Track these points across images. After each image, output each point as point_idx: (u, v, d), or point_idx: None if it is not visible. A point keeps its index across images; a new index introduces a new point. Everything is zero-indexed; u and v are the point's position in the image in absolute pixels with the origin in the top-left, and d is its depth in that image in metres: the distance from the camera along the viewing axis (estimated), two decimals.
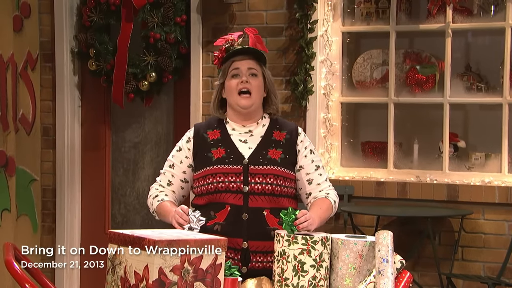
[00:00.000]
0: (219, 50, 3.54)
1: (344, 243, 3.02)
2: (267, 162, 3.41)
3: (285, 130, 3.51)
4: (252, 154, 3.43)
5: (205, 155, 3.44)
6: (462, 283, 5.39)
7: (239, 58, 3.48)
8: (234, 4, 5.83)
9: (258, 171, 3.40)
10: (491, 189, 5.37)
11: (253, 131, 3.50)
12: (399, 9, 5.74)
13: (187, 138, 3.53)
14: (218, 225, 3.37)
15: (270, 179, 3.39)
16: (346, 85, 5.90)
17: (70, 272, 6.35)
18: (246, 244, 3.35)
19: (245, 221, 3.36)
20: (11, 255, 3.00)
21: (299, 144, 3.50)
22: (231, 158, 3.42)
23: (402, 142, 5.89)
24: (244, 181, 3.38)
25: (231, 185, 3.38)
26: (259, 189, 3.38)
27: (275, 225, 3.37)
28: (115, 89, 6.09)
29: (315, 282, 2.99)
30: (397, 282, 2.99)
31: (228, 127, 3.51)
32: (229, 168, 3.40)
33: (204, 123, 3.58)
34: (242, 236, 3.35)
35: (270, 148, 3.45)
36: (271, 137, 3.49)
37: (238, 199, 3.37)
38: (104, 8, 6.09)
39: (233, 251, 3.34)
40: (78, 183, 6.38)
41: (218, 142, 3.46)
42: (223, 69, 3.51)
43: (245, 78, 3.45)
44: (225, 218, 3.37)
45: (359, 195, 5.63)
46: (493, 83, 5.76)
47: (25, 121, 6.22)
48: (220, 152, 3.44)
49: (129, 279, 2.79)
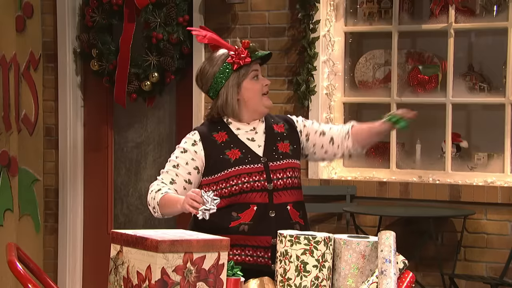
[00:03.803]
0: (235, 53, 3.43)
1: (346, 243, 3.02)
2: (282, 156, 3.44)
3: (281, 121, 3.56)
4: (265, 151, 3.44)
5: (221, 157, 3.41)
6: (465, 283, 5.39)
7: (256, 62, 3.49)
8: (236, 4, 5.83)
9: (277, 167, 3.42)
10: (494, 189, 5.37)
11: (257, 128, 3.51)
12: (402, 9, 5.74)
13: (192, 141, 3.47)
14: (245, 225, 3.35)
15: (289, 172, 3.43)
16: (348, 85, 5.90)
17: (72, 272, 6.35)
18: (275, 241, 3.35)
19: (273, 218, 3.37)
20: (14, 255, 3.00)
21: (297, 126, 3.56)
22: (249, 158, 3.41)
23: (405, 142, 5.89)
24: (267, 179, 3.39)
25: (256, 184, 3.37)
26: (281, 184, 3.41)
27: (297, 218, 3.42)
28: (117, 89, 6.10)
29: (317, 282, 2.99)
30: (400, 282, 2.99)
31: (232, 128, 3.49)
32: (251, 168, 3.39)
33: (205, 127, 3.54)
34: (271, 234, 3.34)
35: (278, 142, 3.48)
36: (273, 131, 3.51)
37: (264, 197, 3.37)
38: (106, 8, 6.10)
39: (263, 250, 3.34)
40: (80, 183, 6.39)
41: (229, 144, 3.44)
42: (243, 72, 3.45)
43: (267, 80, 3.50)
44: (252, 217, 3.36)
45: (362, 195, 5.64)
46: (495, 83, 5.76)
47: (28, 121, 6.22)
48: (235, 153, 3.42)
49: (131, 279, 2.79)
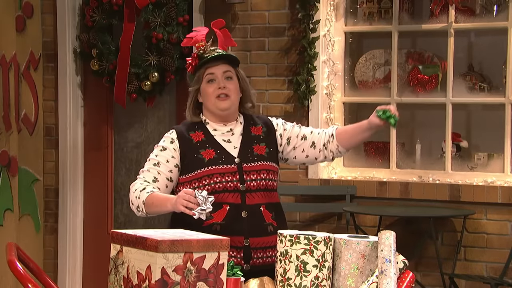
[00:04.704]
0: (191, 56, 3.53)
1: (346, 243, 3.02)
2: (256, 158, 3.46)
3: (260, 123, 3.57)
4: (239, 152, 3.47)
5: (195, 156, 3.44)
6: (465, 283, 5.39)
7: (213, 64, 3.50)
8: (236, 4, 5.83)
9: (251, 168, 3.44)
10: (494, 189, 5.37)
11: (234, 130, 3.54)
12: (402, 9, 5.74)
13: (170, 139, 3.50)
14: (217, 225, 3.37)
15: (263, 174, 3.44)
16: (348, 85, 5.90)
17: (72, 272, 6.35)
18: (248, 242, 3.37)
19: (245, 218, 3.38)
20: (14, 255, 3.01)
21: (277, 129, 3.57)
22: (223, 158, 3.44)
23: (405, 142, 5.89)
24: (240, 180, 3.41)
25: (228, 184, 3.40)
26: (255, 186, 3.42)
27: (270, 220, 3.43)
28: (117, 89, 6.10)
29: (317, 282, 2.99)
30: (400, 282, 2.99)
31: (209, 128, 3.53)
32: (224, 168, 3.42)
33: (183, 126, 3.56)
34: (243, 234, 3.37)
35: (253, 144, 3.50)
36: (251, 133, 3.53)
37: (236, 198, 3.39)
38: (106, 8, 6.10)
39: (235, 250, 3.36)
40: (80, 183, 6.38)
41: (204, 144, 3.47)
42: (198, 76, 3.52)
43: (222, 84, 3.48)
44: (224, 217, 3.38)
45: (362, 195, 5.64)
46: (495, 83, 5.76)
47: (28, 121, 6.22)
48: (210, 153, 3.45)
49: (131, 279, 2.79)
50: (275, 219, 3.46)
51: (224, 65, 3.51)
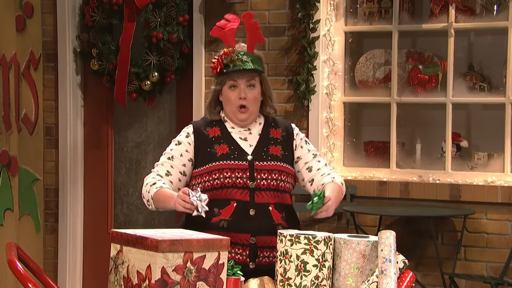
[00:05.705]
0: (217, 58, 3.51)
1: (346, 243, 3.02)
2: (270, 158, 3.47)
3: (281, 127, 3.58)
4: (254, 150, 3.48)
5: (209, 150, 3.47)
6: (465, 283, 5.39)
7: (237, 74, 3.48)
8: (236, 4, 5.83)
9: (263, 167, 3.44)
10: (494, 189, 5.37)
11: (252, 130, 3.55)
12: (402, 9, 5.74)
13: (185, 133, 3.54)
14: (224, 221, 3.38)
15: (275, 174, 3.44)
16: (348, 84, 5.90)
17: (72, 272, 6.35)
18: (254, 240, 3.38)
19: (253, 216, 3.38)
20: (14, 255, 3.01)
21: (295, 139, 3.58)
22: (236, 154, 3.45)
23: (405, 142, 5.89)
24: (250, 177, 3.42)
25: (238, 180, 3.41)
26: (265, 184, 3.42)
27: (279, 220, 3.43)
28: (117, 89, 6.10)
29: (317, 281, 2.99)
30: (400, 282, 2.99)
31: (227, 125, 3.55)
32: (235, 164, 3.43)
33: (201, 121, 3.61)
34: (250, 232, 3.38)
35: (270, 145, 3.51)
36: (269, 135, 3.54)
37: (244, 195, 3.40)
38: (106, 8, 6.10)
39: (241, 247, 3.36)
40: (80, 182, 6.38)
41: (219, 139, 3.49)
42: (221, 79, 3.52)
43: (243, 94, 3.49)
44: (231, 214, 3.38)
45: (362, 195, 5.64)
46: (495, 82, 5.76)
47: (28, 121, 6.22)
48: (223, 148, 3.47)
49: (131, 278, 2.79)
50: (285, 220, 3.46)
51: (248, 75, 3.50)
